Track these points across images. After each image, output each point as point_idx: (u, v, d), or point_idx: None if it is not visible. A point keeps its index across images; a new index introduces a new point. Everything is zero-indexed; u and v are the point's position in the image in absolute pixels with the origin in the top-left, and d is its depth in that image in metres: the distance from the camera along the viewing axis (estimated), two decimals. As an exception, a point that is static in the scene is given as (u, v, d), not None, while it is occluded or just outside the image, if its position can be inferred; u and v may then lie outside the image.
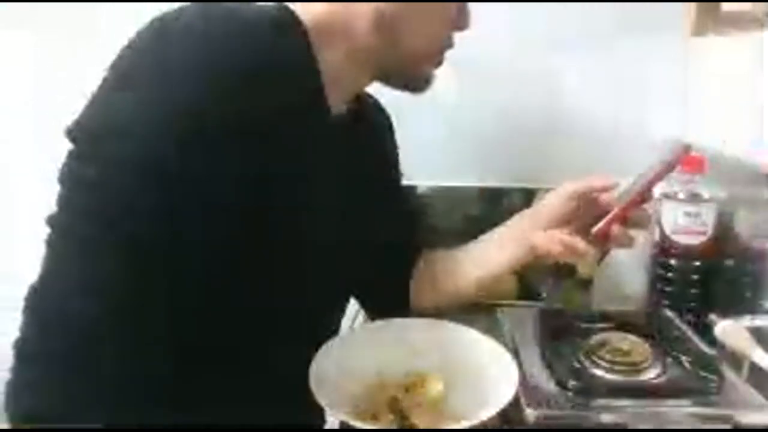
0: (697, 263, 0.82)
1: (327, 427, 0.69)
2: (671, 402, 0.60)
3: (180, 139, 0.49)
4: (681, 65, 0.97)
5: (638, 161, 0.65)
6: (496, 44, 0.97)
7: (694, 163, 0.80)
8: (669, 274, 0.83)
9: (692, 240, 0.81)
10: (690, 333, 0.73)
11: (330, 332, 0.68)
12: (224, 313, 0.56)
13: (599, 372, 0.65)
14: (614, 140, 1.00)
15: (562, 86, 1.01)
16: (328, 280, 0.67)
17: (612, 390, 0.62)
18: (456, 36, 0.67)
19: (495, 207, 1.03)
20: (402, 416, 0.59)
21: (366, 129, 0.74)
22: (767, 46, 0.77)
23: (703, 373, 0.63)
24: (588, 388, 0.62)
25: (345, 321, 0.77)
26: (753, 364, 0.65)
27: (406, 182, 0.87)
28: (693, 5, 0.94)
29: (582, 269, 0.87)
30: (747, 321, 0.69)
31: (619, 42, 0.97)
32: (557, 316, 0.78)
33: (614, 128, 1.01)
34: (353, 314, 0.85)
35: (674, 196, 0.81)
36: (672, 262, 0.83)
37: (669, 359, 0.67)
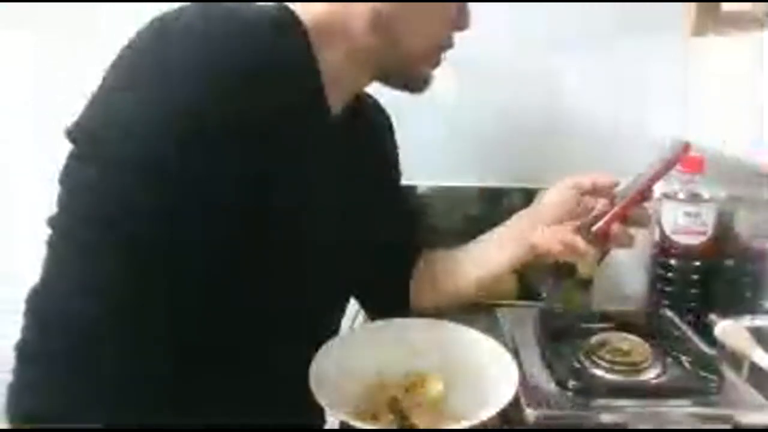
0: (697, 263, 0.82)
1: (327, 427, 0.69)
2: (671, 402, 0.60)
3: (180, 139, 0.49)
4: (681, 65, 0.97)
5: (638, 161, 0.65)
6: (496, 44, 0.97)
7: (694, 163, 0.79)
8: (669, 274, 0.83)
9: (692, 240, 0.81)
10: (690, 333, 0.73)
11: (330, 332, 0.68)
12: (224, 313, 0.56)
13: (599, 372, 0.65)
14: (614, 140, 1.00)
15: (562, 86, 1.01)
16: (328, 280, 0.67)
17: (612, 390, 0.62)
18: (456, 36, 0.67)
19: (495, 207, 1.03)
20: (402, 416, 0.59)
21: (366, 129, 0.74)
22: (767, 46, 0.77)
23: (703, 373, 0.63)
24: (588, 388, 0.62)
25: (345, 321, 0.77)
26: (753, 364, 0.65)
27: (406, 182, 0.87)
28: (693, 5, 0.94)
29: (582, 269, 0.86)
30: (747, 321, 0.69)
31: (619, 42, 0.98)
32: (557, 316, 0.78)
33: (614, 128, 1.01)
34: (353, 314, 0.85)
35: (674, 196, 0.81)
36: (672, 262, 0.83)
37: (669, 359, 0.67)
